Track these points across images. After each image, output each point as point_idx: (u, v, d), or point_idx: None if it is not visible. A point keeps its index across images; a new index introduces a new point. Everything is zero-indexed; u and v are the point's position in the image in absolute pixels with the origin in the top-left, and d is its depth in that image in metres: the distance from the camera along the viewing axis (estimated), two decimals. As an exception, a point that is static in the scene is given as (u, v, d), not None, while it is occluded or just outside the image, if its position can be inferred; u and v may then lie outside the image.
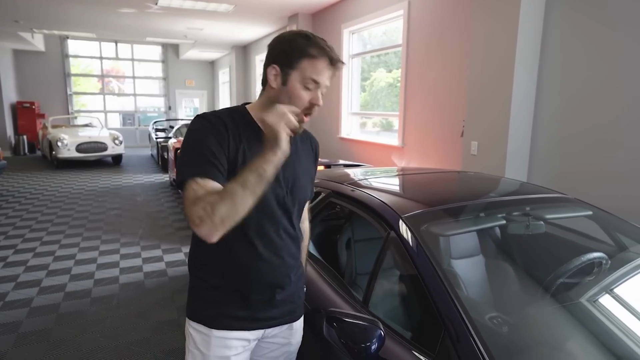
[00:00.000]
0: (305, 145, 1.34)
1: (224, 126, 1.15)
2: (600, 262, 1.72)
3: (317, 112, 1.22)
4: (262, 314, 1.25)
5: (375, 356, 1.18)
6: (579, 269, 1.65)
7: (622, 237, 1.88)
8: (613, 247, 1.87)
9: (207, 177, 1.08)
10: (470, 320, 1.18)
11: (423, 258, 1.38)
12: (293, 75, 1.15)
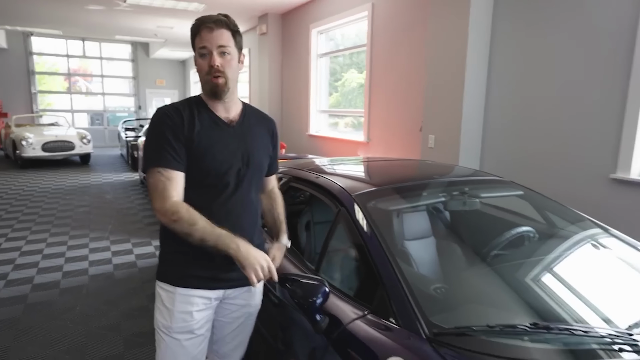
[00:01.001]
0: (260, 124, 1.50)
1: (180, 116, 1.34)
2: (529, 235, 1.95)
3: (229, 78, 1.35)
4: (222, 275, 1.40)
5: (320, 309, 1.35)
6: (511, 242, 1.88)
7: (550, 215, 2.12)
8: (542, 223, 2.10)
9: (168, 167, 1.30)
10: (404, 279, 1.37)
11: (368, 230, 1.56)
12: (195, 55, 1.36)
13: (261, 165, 1.48)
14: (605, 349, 1.15)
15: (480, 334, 1.19)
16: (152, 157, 1.32)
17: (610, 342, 1.17)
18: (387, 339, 1.22)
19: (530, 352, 1.15)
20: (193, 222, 1.23)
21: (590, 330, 1.21)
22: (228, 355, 1.58)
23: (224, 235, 1.24)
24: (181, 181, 1.31)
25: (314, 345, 1.38)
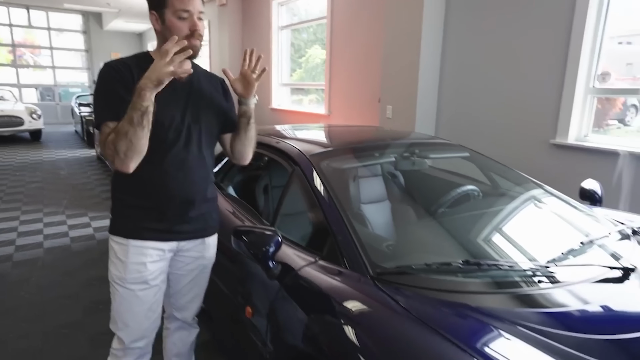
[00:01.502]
0: (209, 82, 1.52)
1: (129, 71, 1.33)
2: (474, 193, 2.09)
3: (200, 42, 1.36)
4: (175, 227, 1.44)
5: (273, 257, 1.42)
6: (456, 200, 2.01)
7: (493, 175, 2.27)
8: (487, 184, 2.25)
9: (117, 120, 1.27)
10: (352, 227, 1.46)
11: (320, 186, 1.63)
12: (167, 13, 1.32)
13: (212, 123, 1.49)
14: (527, 281, 1.29)
15: (419, 272, 1.31)
16: (104, 112, 1.30)
17: (531, 274, 1.31)
18: (335, 280, 1.31)
19: (463, 285, 1.28)
20: (117, 132, 1.23)
21: (514, 265, 1.35)
22: (185, 308, 1.64)
23: (131, 108, 1.21)
24: None
25: (268, 292, 1.46)
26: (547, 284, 1.28)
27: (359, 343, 1.09)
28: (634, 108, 3.46)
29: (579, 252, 1.46)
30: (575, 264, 1.40)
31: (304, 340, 1.25)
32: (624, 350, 1.06)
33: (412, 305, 1.15)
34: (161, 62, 1.17)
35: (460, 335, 1.03)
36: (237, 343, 1.79)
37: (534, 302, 1.21)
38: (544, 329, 1.08)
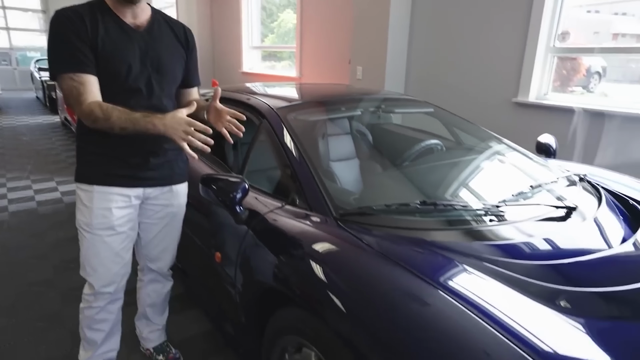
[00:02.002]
0: (171, 31, 1.49)
1: (82, 19, 1.30)
2: (437, 147, 2.17)
3: None
4: (140, 174, 1.45)
5: (241, 203, 1.47)
6: (421, 153, 2.09)
7: (456, 130, 2.35)
8: (450, 138, 2.33)
9: (78, 71, 1.27)
10: (316, 173, 1.52)
11: (287, 137, 1.67)
12: None
13: (173, 72, 1.48)
14: (479, 219, 1.39)
15: (379, 213, 1.38)
16: (60, 63, 1.29)
17: (483, 213, 1.41)
18: (301, 223, 1.37)
19: (420, 223, 1.36)
20: (108, 117, 1.26)
21: (468, 205, 1.44)
22: (158, 258, 1.67)
23: (139, 119, 1.26)
24: (95, 83, 1.31)
25: (235, 237, 1.51)
26: (497, 221, 1.38)
27: (326, 280, 1.14)
28: (598, 75, 3.60)
29: (528, 195, 1.56)
30: (523, 204, 1.50)
31: (273, 279, 1.31)
32: (561, 274, 1.18)
33: (375, 242, 1.22)
34: (183, 125, 1.25)
35: (421, 267, 1.10)
36: (208, 291, 1.85)
37: (485, 237, 1.31)
38: (493, 258, 1.18)
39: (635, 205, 1.63)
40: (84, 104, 1.28)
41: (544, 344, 0.89)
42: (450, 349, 0.91)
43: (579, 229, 1.42)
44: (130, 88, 1.37)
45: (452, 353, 0.90)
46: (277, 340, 1.33)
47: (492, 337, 0.90)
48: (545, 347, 0.89)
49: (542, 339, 0.91)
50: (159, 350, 1.80)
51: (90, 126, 1.31)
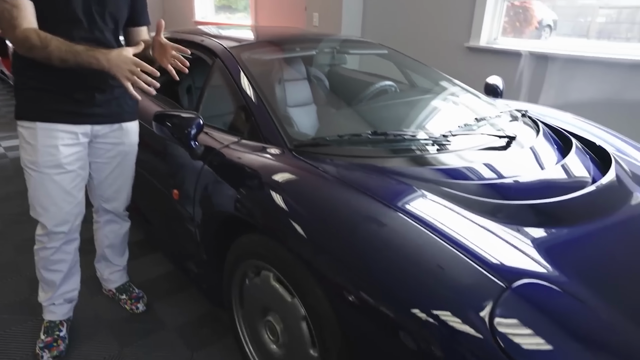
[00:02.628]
0: None
1: None
2: (391, 88, 2.22)
3: None
4: (85, 110, 1.41)
5: (196, 138, 1.47)
6: (375, 94, 2.13)
7: (409, 72, 2.40)
8: (403, 80, 2.38)
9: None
10: (270, 107, 1.53)
11: (241, 74, 1.66)
12: None
13: (116, 4, 1.40)
14: (426, 148, 1.46)
15: (333, 143, 1.43)
16: None
17: (431, 142, 1.48)
18: (258, 155, 1.39)
19: (371, 152, 1.42)
20: (46, 45, 1.20)
21: (416, 135, 1.51)
22: (113, 198, 1.66)
23: (82, 52, 1.22)
24: (29, 8, 1.23)
25: (192, 172, 1.52)
26: (443, 150, 1.47)
27: (287, 207, 1.17)
28: (549, 28, 3.71)
29: (472, 127, 1.65)
30: (467, 133, 1.60)
31: (233, 209, 1.34)
32: (501, 191, 1.29)
33: (332, 170, 1.27)
34: (129, 64, 1.23)
35: (376, 191, 1.16)
36: (169, 232, 1.87)
37: (433, 163, 1.39)
38: (441, 181, 1.27)
39: (568, 136, 1.77)
40: (18, 28, 1.21)
41: (491, 256, 0.99)
42: (407, 265, 0.98)
43: (517, 155, 1.53)
44: (69, 18, 1.30)
45: (409, 269, 0.97)
46: (238, 267, 1.38)
47: (445, 252, 0.98)
48: (493, 258, 0.98)
49: (489, 250, 1.00)
50: (122, 290, 1.82)
51: (26, 55, 1.24)
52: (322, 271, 1.06)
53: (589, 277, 1.02)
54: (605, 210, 1.27)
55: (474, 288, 0.93)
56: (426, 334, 0.89)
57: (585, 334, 0.89)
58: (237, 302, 1.47)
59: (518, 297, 0.91)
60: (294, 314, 1.17)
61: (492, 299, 0.89)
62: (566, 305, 0.93)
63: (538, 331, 0.86)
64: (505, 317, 0.87)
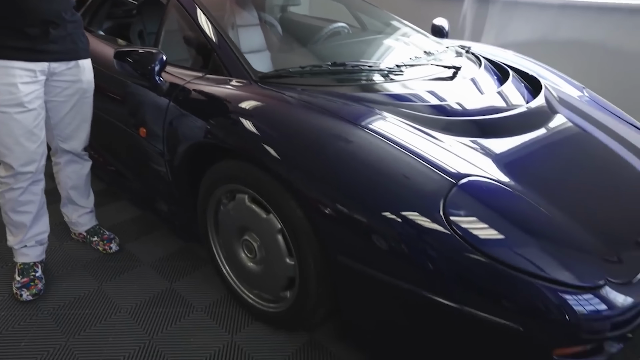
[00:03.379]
0: None
1: None
2: (343, 30, 2.30)
3: None
4: (40, 46, 1.40)
5: (160, 74, 1.49)
6: (329, 36, 2.19)
7: (361, 15, 2.47)
8: (356, 24, 2.45)
9: None
10: (232, 43, 1.57)
11: (199, 11, 1.66)
12: None
13: None
14: (381, 77, 1.58)
15: (295, 74, 1.51)
16: None
17: (385, 72, 1.60)
18: (224, 88, 1.45)
19: (330, 80, 1.52)
20: None
21: (373, 66, 1.62)
22: (72, 137, 1.65)
23: None
24: None
25: (159, 108, 1.55)
26: (397, 79, 1.59)
27: (259, 132, 1.26)
28: None
29: (422, 60, 1.79)
30: (418, 64, 1.73)
31: (204, 138, 1.40)
32: (446, 111, 1.44)
33: (298, 97, 1.35)
34: None
35: (341, 112, 1.28)
36: (138, 174, 1.90)
37: (388, 89, 1.51)
38: (397, 103, 1.40)
39: (506, 68, 1.95)
40: None
41: (441, 162, 1.14)
42: (375, 175, 1.11)
43: (462, 83, 1.68)
44: None
45: (377, 179, 1.10)
46: (211, 196, 1.47)
47: (408, 163, 1.12)
48: (443, 163, 1.14)
49: (439, 157, 1.16)
50: (92, 232, 1.85)
51: None
52: (296, 186, 1.17)
53: (522, 175, 1.21)
54: (534, 125, 1.47)
55: (430, 188, 1.08)
56: (394, 233, 1.03)
57: (523, 219, 1.07)
58: (213, 230, 1.56)
59: (464, 191, 1.08)
60: (271, 228, 1.29)
61: (444, 193, 1.05)
62: (505, 194, 1.11)
63: (482, 217, 1.04)
64: (456, 208, 1.03)
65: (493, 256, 0.96)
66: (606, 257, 1.06)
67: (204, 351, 1.39)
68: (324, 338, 1.44)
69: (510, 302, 0.96)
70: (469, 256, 0.97)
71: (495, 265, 0.96)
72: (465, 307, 0.98)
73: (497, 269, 0.96)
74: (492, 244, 0.99)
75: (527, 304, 0.95)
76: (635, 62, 2.54)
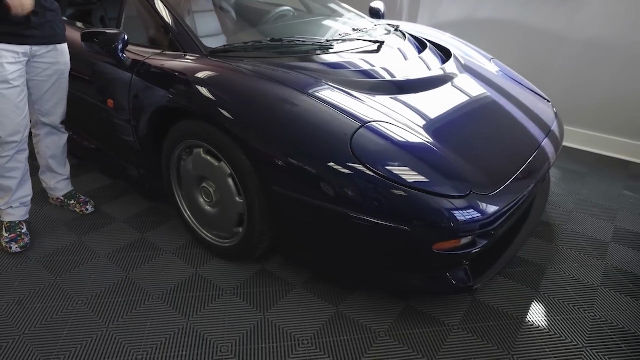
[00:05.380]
0: None
1: None
2: (289, 13, 2.57)
3: None
4: (23, 32, 1.62)
5: (123, 51, 1.74)
6: (276, 19, 2.46)
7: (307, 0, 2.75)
8: (302, 8, 2.73)
9: None
10: (183, 22, 1.83)
11: None
12: None
13: None
14: (314, 49, 1.88)
15: (239, 49, 1.79)
16: None
17: (318, 47, 1.90)
18: (180, 61, 1.71)
19: (270, 52, 1.81)
20: None
21: (306, 40, 1.92)
22: (51, 112, 1.88)
23: None
24: None
25: (123, 82, 1.80)
26: (328, 51, 1.89)
27: (214, 97, 1.52)
28: None
29: (352, 36, 2.09)
30: (348, 38, 2.04)
31: (166, 102, 1.66)
32: (371, 75, 1.75)
33: (245, 67, 1.62)
34: None
35: (286, 80, 1.55)
36: (110, 146, 2.13)
37: (322, 60, 1.82)
38: (326, 70, 1.70)
39: (425, 41, 2.28)
40: None
41: (359, 114, 1.45)
42: (320, 133, 1.39)
43: (387, 52, 2.01)
44: None
45: (321, 136, 1.38)
46: (173, 153, 1.74)
47: (347, 123, 1.41)
48: (360, 115, 1.45)
49: (357, 110, 1.47)
50: (69, 196, 2.09)
51: None
52: (251, 143, 1.44)
53: (422, 119, 1.55)
54: (441, 83, 1.82)
55: (341, 129, 1.40)
56: (314, 164, 1.34)
57: (412, 150, 1.40)
58: (177, 184, 1.84)
59: (368, 130, 1.40)
60: (222, 174, 1.58)
61: (352, 132, 1.37)
62: (400, 133, 1.44)
63: (380, 148, 1.36)
64: (360, 143, 1.35)
65: (385, 175, 1.29)
66: (475, 178, 1.41)
67: (171, 282, 1.67)
68: (272, 266, 1.75)
69: (399, 209, 1.29)
70: (367, 175, 1.29)
71: (386, 182, 1.28)
72: (365, 217, 1.31)
73: (387, 184, 1.28)
74: (385, 166, 1.32)
75: (411, 210, 1.28)
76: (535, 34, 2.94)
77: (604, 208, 2.24)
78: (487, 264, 1.56)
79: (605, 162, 2.82)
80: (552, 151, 1.76)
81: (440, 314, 1.55)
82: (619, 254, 1.89)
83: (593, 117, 2.90)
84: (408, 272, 1.46)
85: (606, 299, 1.64)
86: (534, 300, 1.62)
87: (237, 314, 1.53)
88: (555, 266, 1.80)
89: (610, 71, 2.76)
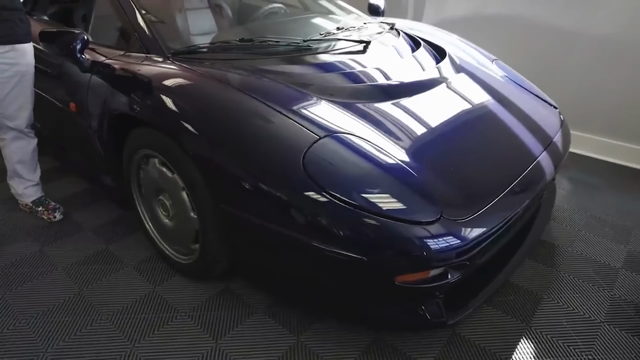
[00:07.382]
0: None
1: None
2: (281, 10, 2.42)
3: None
4: None
5: (82, 52, 1.63)
6: (267, 15, 2.32)
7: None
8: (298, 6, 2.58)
9: None
10: (149, 22, 1.70)
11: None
12: None
13: None
14: (292, 49, 1.72)
15: (204, 50, 1.65)
16: None
17: (294, 48, 1.74)
18: (142, 64, 1.58)
19: (239, 54, 1.66)
20: None
21: (280, 41, 1.76)
22: (15, 117, 1.79)
23: None
24: None
25: (82, 85, 1.69)
26: (306, 52, 1.73)
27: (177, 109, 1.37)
28: None
29: (335, 36, 1.92)
30: (329, 38, 1.87)
31: (124, 109, 1.54)
32: (347, 79, 1.59)
33: (204, 71, 1.48)
34: None
35: (250, 89, 1.40)
36: (82, 154, 2.04)
37: (299, 61, 1.66)
38: (301, 74, 1.55)
39: (419, 40, 2.09)
40: None
41: (317, 123, 1.29)
42: (274, 146, 1.24)
43: (374, 54, 1.83)
44: None
45: (275, 150, 1.23)
46: (131, 161, 1.62)
47: (303, 136, 1.24)
48: (319, 125, 1.29)
49: (314, 118, 1.31)
50: (38, 203, 2.01)
51: None
52: (198, 152, 1.31)
53: (403, 133, 1.38)
54: (428, 87, 1.64)
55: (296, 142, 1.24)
56: (263, 180, 1.20)
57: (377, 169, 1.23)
58: (138, 194, 1.72)
59: (325, 145, 1.23)
60: (176, 187, 1.45)
61: (307, 146, 1.21)
62: (364, 147, 1.27)
63: (337, 165, 1.20)
64: (315, 158, 1.19)
65: (340, 197, 1.13)
66: (448, 200, 1.22)
67: (125, 300, 1.56)
68: (236, 286, 1.61)
69: (353, 237, 1.12)
70: (318, 196, 1.13)
71: (337, 204, 1.12)
72: (316, 242, 1.14)
73: (339, 207, 1.12)
74: (341, 188, 1.15)
75: (366, 238, 1.11)
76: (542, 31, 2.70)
77: (615, 226, 2.00)
78: (469, 294, 1.38)
79: (619, 171, 2.56)
80: (551, 166, 1.55)
81: (413, 350, 1.37)
82: (630, 284, 1.66)
83: (606, 123, 2.63)
84: (375, 304, 1.29)
85: (609, 338, 1.42)
86: (524, 337, 1.42)
87: (188, 341, 1.40)
88: (553, 296, 1.59)
89: (625, 73, 2.49)
